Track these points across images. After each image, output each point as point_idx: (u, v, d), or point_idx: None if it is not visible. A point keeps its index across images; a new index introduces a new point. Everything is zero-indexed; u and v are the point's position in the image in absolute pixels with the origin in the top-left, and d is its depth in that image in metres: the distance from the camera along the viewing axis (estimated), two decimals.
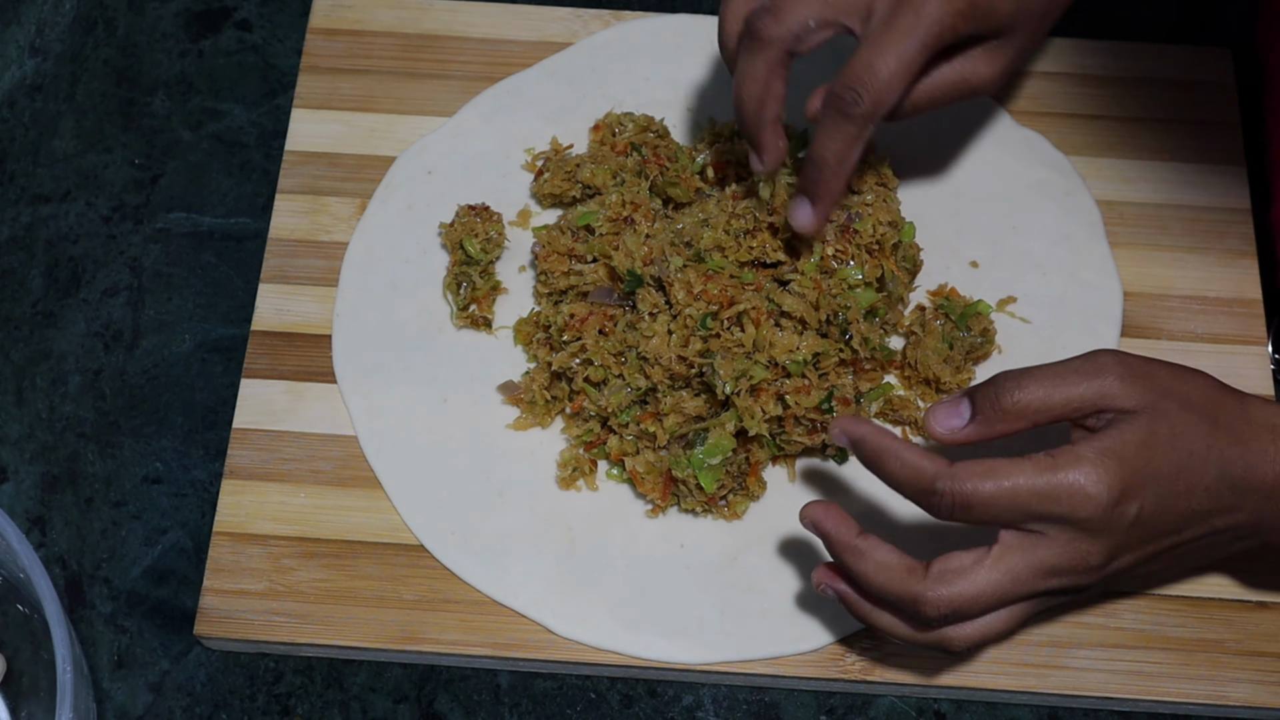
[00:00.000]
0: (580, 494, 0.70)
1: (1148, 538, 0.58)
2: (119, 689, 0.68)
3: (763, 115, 0.66)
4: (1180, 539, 0.59)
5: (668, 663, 0.67)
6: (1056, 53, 0.83)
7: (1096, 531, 0.57)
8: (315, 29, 0.83)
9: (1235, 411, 0.60)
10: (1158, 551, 0.59)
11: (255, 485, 0.70)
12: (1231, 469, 0.58)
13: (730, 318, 0.68)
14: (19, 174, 0.80)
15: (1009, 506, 0.57)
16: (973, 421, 0.60)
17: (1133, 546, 0.58)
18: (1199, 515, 0.58)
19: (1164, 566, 0.61)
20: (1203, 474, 0.58)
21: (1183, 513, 0.58)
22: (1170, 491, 0.58)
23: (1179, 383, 0.60)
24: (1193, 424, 0.58)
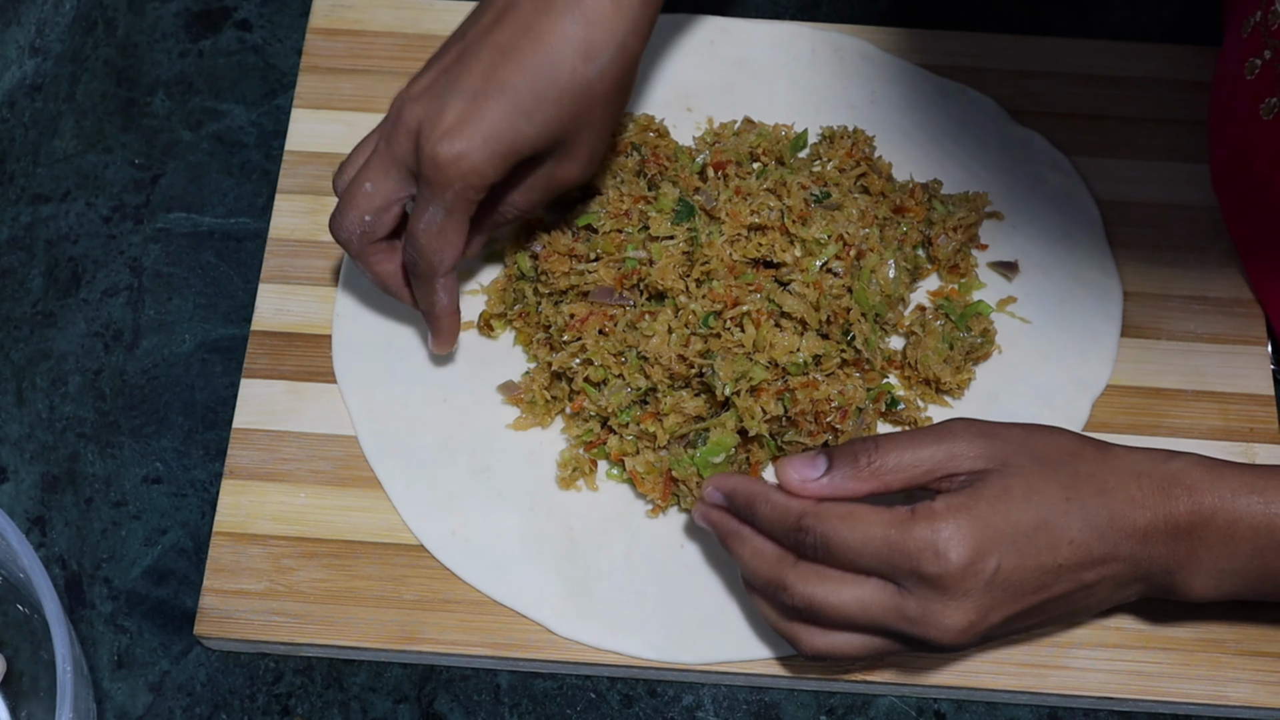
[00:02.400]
0: (580, 494, 0.70)
1: (1012, 596, 0.58)
2: (119, 689, 0.68)
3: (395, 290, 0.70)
4: (1049, 595, 0.59)
5: (668, 663, 0.67)
6: (1056, 53, 0.83)
7: (951, 590, 0.57)
8: (315, 29, 0.83)
9: (1097, 461, 0.60)
10: (1026, 609, 0.59)
11: (255, 485, 0.71)
12: (1096, 519, 0.58)
13: (733, 318, 0.68)
14: (19, 174, 0.80)
15: (865, 554, 0.58)
16: (827, 474, 0.61)
17: (997, 605, 0.58)
18: (1066, 569, 0.58)
19: (1039, 621, 0.61)
20: (1064, 527, 0.58)
21: (1047, 568, 0.58)
22: (1030, 548, 0.57)
23: (1033, 439, 0.60)
24: (1050, 478, 0.59)
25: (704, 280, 0.69)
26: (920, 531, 0.57)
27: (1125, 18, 0.86)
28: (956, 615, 0.57)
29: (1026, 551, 0.57)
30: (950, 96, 0.81)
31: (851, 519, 0.58)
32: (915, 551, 0.57)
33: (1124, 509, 0.58)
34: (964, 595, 0.57)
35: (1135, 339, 0.75)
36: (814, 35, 0.83)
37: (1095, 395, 0.73)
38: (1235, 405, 0.73)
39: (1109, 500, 0.58)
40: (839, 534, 0.58)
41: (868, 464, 0.60)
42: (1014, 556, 0.57)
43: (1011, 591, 0.58)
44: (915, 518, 0.57)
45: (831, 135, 0.77)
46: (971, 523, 0.57)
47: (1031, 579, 0.58)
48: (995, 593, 0.57)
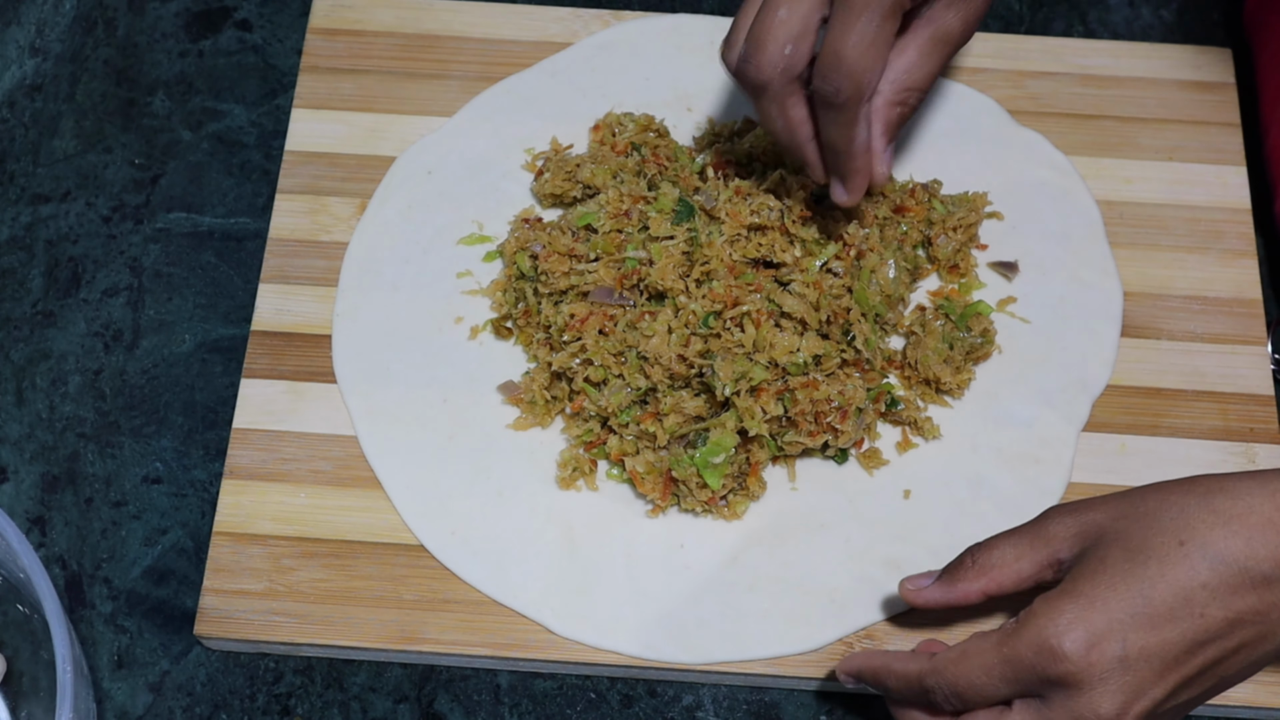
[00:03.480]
0: (580, 494, 0.70)
1: (1162, 667, 0.53)
2: (119, 689, 0.68)
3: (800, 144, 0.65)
4: (1213, 655, 0.53)
5: (668, 663, 0.67)
6: (1056, 53, 0.83)
7: (1085, 683, 0.53)
8: (315, 29, 0.83)
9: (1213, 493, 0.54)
10: (1192, 675, 0.54)
11: (255, 485, 0.70)
12: (1227, 553, 0.53)
13: (733, 318, 0.68)
14: (19, 174, 0.80)
15: (992, 682, 0.56)
16: (937, 580, 0.61)
17: (1149, 681, 0.53)
18: (1214, 622, 0.53)
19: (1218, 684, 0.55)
20: (1189, 576, 0.53)
21: (1188, 626, 0.53)
22: (1156, 612, 0.53)
23: (1129, 499, 0.56)
24: (1155, 530, 0.54)
25: (704, 280, 0.69)
26: (1028, 638, 0.54)
27: (1125, 18, 0.86)
28: (1104, 703, 0.53)
29: (1155, 618, 0.53)
30: (950, 97, 0.81)
31: (965, 657, 0.56)
32: (1033, 661, 0.54)
33: (1262, 534, 0.53)
34: (1101, 682, 0.53)
35: (1135, 339, 0.75)
36: None
37: (1095, 395, 0.73)
38: (1235, 405, 0.73)
39: (1237, 529, 0.53)
40: (961, 677, 0.56)
41: (972, 563, 0.60)
42: (1141, 628, 0.53)
43: (1158, 663, 0.53)
44: (1020, 626, 0.55)
45: None
46: (1077, 608, 0.54)
47: (1176, 644, 0.53)
48: (1140, 670, 0.53)
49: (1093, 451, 0.72)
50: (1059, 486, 0.71)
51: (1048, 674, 0.54)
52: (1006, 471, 0.71)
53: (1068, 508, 0.59)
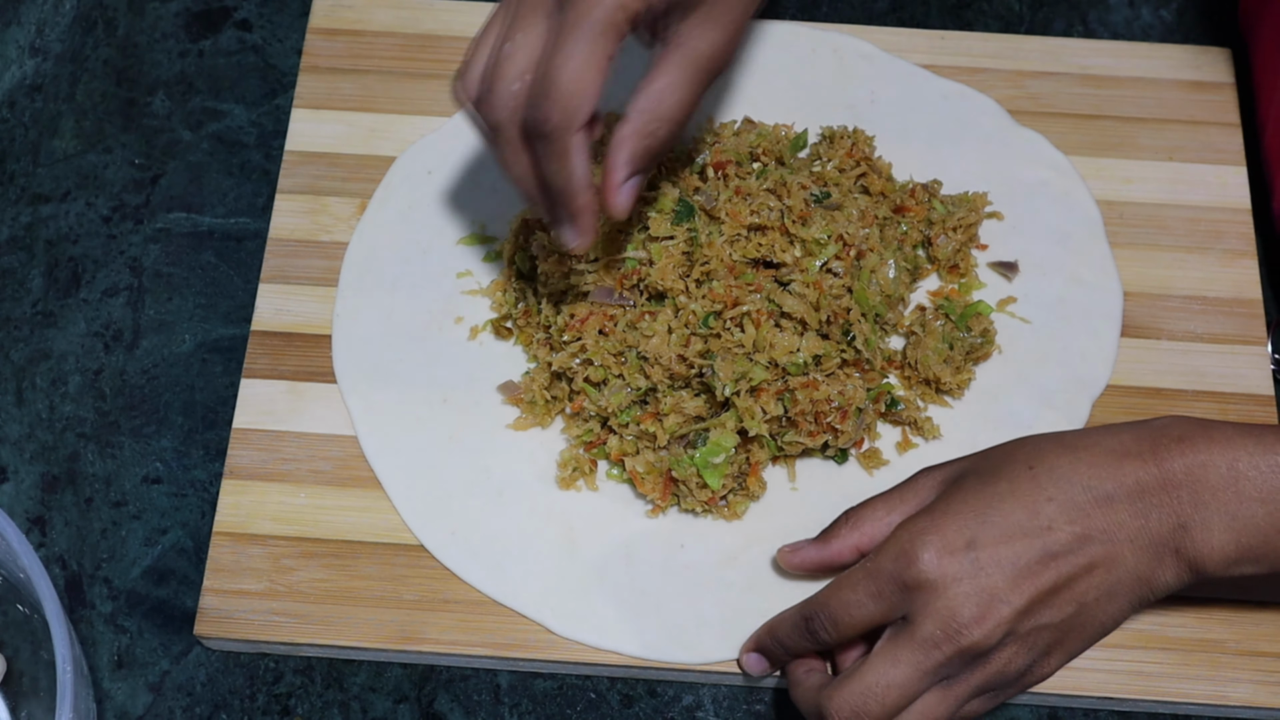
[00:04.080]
0: (580, 494, 0.70)
1: (1014, 575, 0.56)
2: (119, 689, 0.68)
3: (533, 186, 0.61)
4: (1062, 572, 0.56)
5: (668, 663, 0.67)
6: (1056, 53, 0.83)
7: (942, 586, 0.56)
8: (315, 29, 0.83)
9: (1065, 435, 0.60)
10: (1044, 591, 0.57)
11: (255, 485, 0.71)
12: (1073, 475, 0.57)
13: (733, 318, 0.68)
14: (19, 174, 0.80)
15: (859, 598, 0.59)
16: (813, 542, 0.65)
17: (1002, 587, 0.56)
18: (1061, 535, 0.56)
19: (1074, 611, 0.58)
20: (1036, 492, 0.57)
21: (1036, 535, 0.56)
22: (1004, 520, 0.57)
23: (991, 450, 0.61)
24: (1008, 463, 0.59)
25: (704, 280, 0.69)
26: (889, 550, 0.58)
27: (1125, 18, 0.86)
28: (964, 606, 0.56)
29: (1004, 527, 0.57)
30: (950, 97, 0.81)
31: (837, 583, 0.60)
32: (892, 569, 0.57)
33: (1104, 462, 0.57)
34: (956, 583, 0.56)
35: (1135, 339, 0.75)
36: (814, 35, 0.83)
37: (1095, 395, 0.73)
38: (1235, 405, 0.73)
39: (1084, 457, 0.57)
40: (833, 599, 0.60)
41: (844, 521, 0.64)
42: (990, 535, 0.56)
43: (1010, 570, 0.56)
44: (883, 544, 0.59)
45: (831, 135, 0.77)
46: (931, 521, 0.58)
47: (1024, 550, 0.56)
48: (991, 573, 0.56)
49: None
50: None
51: (905, 580, 0.57)
52: None
53: (936, 466, 0.63)
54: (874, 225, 0.72)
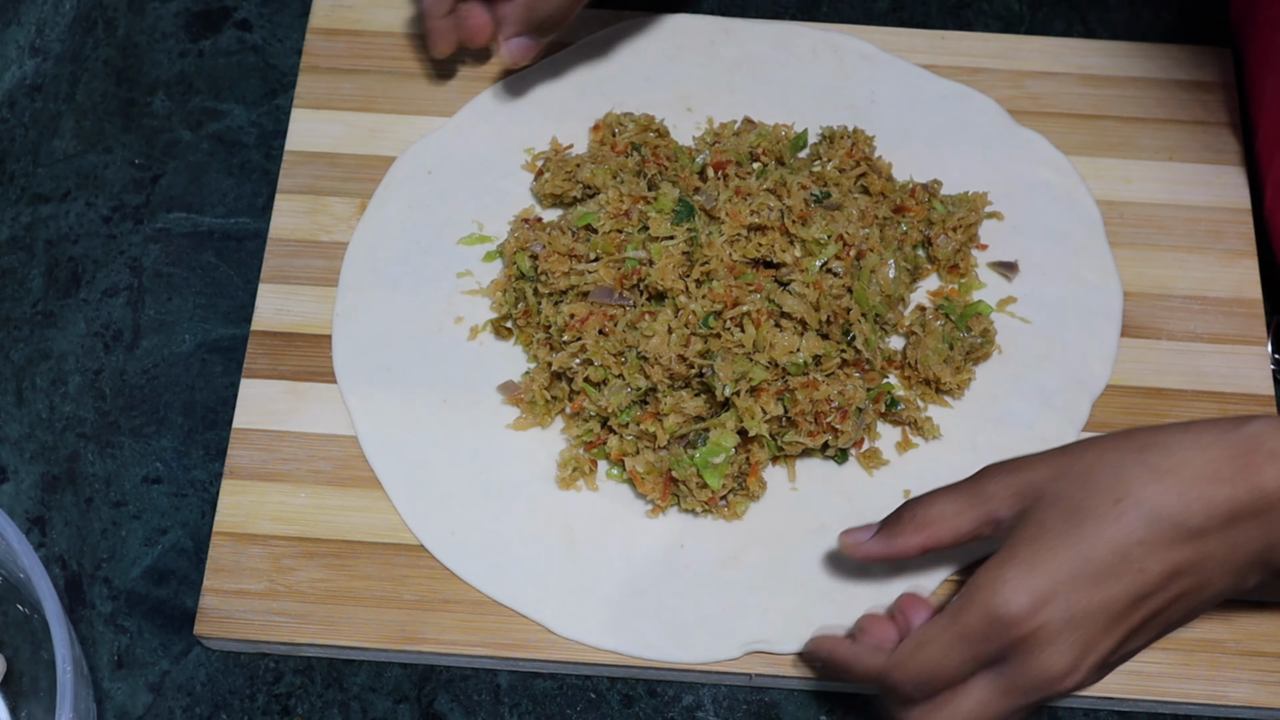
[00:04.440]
0: (580, 494, 0.70)
1: (1107, 622, 0.55)
2: (119, 689, 0.68)
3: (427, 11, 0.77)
4: (1153, 606, 0.55)
5: (668, 663, 0.67)
6: (1056, 53, 0.83)
7: (1034, 643, 0.54)
8: (315, 29, 0.83)
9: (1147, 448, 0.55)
10: (1134, 628, 0.55)
11: (255, 485, 0.70)
12: (1162, 509, 0.54)
13: (733, 318, 0.68)
14: (19, 174, 0.80)
15: (951, 662, 0.56)
16: (876, 535, 0.62)
17: (1095, 636, 0.55)
18: (1151, 576, 0.54)
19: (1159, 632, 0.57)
20: (1124, 533, 0.54)
21: (1128, 582, 0.54)
22: (1095, 571, 0.54)
23: (1066, 457, 0.57)
24: (1091, 490, 0.55)
25: (704, 280, 0.69)
26: (977, 610, 0.55)
27: (1125, 18, 0.86)
28: (1057, 660, 0.54)
29: (1096, 576, 0.54)
30: (950, 97, 0.81)
31: (920, 646, 0.57)
32: (985, 631, 0.55)
33: (1194, 488, 0.54)
34: (1052, 642, 0.54)
35: (1135, 339, 0.75)
36: (814, 35, 0.83)
37: (1095, 395, 0.73)
38: (1235, 405, 0.73)
39: (1171, 484, 0.54)
40: (922, 666, 0.57)
41: (910, 517, 0.61)
42: (1084, 587, 0.54)
43: (1105, 618, 0.54)
44: (966, 600, 0.56)
45: (831, 135, 0.77)
46: (1018, 573, 0.55)
47: (1119, 599, 0.54)
48: (1087, 627, 0.54)
49: None
50: None
51: (1000, 641, 0.55)
52: None
53: (1005, 466, 0.59)
54: (874, 225, 0.72)
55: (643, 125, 0.77)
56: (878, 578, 0.68)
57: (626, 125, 0.77)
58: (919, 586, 0.67)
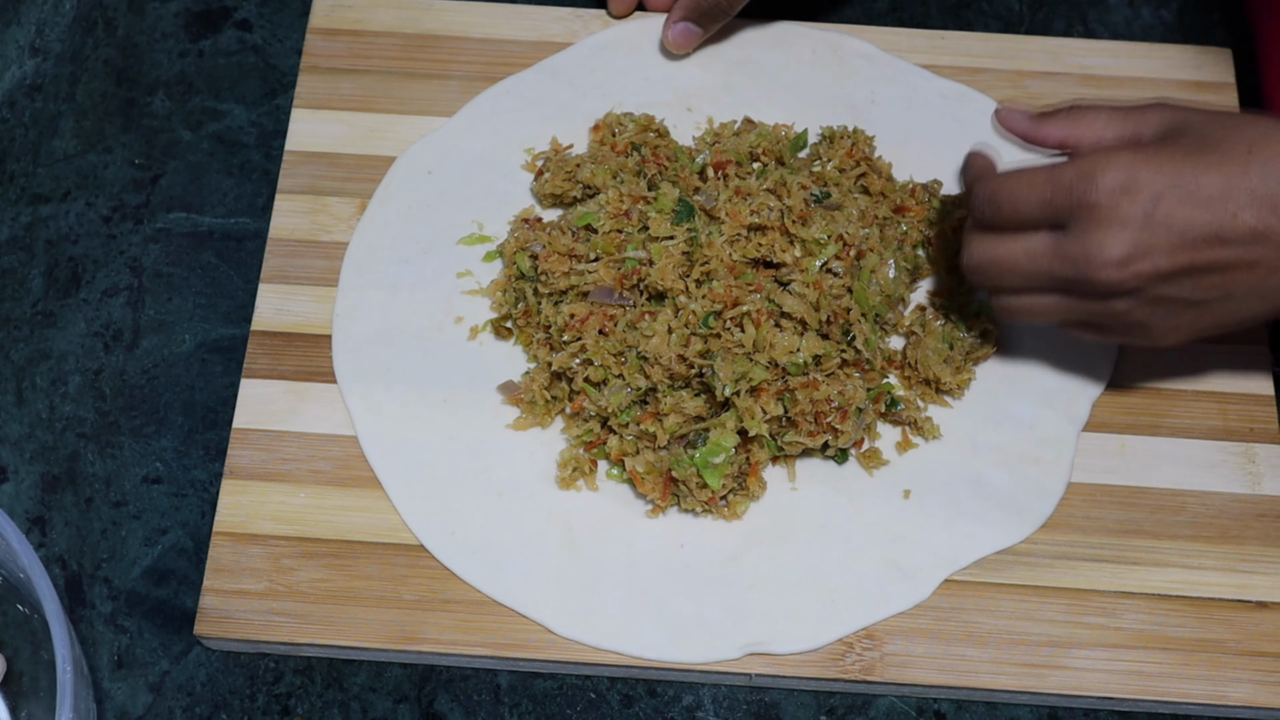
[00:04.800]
0: (580, 494, 0.70)
1: (1175, 242, 0.55)
2: (119, 689, 0.68)
3: None
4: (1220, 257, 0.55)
5: (668, 663, 0.67)
6: (1056, 53, 0.83)
7: (1106, 221, 0.56)
8: (315, 29, 0.83)
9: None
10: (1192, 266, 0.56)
11: (255, 485, 0.70)
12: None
13: (733, 318, 0.68)
14: (19, 174, 0.80)
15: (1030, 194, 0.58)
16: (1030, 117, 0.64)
17: (1158, 247, 0.55)
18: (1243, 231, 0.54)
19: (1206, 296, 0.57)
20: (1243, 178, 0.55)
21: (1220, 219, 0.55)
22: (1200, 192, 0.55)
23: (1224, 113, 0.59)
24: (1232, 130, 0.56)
25: (704, 280, 0.69)
26: (1079, 163, 0.57)
27: (1125, 18, 0.86)
28: (1112, 244, 0.56)
29: (1193, 195, 0.55)
30: (950, 97, 0.81)
31: (1017, 173, 0.59)
32: (1072, 182, 0.56)
33: None
34: (1120, 226, 0.55)
35: None
36: (814, 35, 0.83)
37: (1095, 395, 0.73)
38: (1235, 405, 0.73)
39: None
40: (1005, 184, 0.59)
41: (1066, 113, 0.62)
42: (1179, 196, 0.55)
43: (1175, 235, 0.55)
44: (1074, 158, 0.58)
45: (831, 135, 0.77)
46: (1133, 155, 0.56)
47: (1200, 227, 0.55)
48: (1156, 230, 0.55)
49: (1093, 451, 0.72)
50: (1059, 486, 0.71)
51: (1079, 197, 0.56)
52: (1006, 471, 0.71)
53: (1171, 101, 0.61)
54: (874, 225, 0.72)
55: (643, 125, 0.77)
56: (878, 579, 0.68)
57: (626, 125, 0.77)
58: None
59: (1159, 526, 0.70)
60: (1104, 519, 0.70)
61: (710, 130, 0.79)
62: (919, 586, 0.68)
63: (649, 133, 0.77)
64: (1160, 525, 0.70)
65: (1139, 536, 0.70)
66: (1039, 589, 0.69)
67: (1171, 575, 0.69)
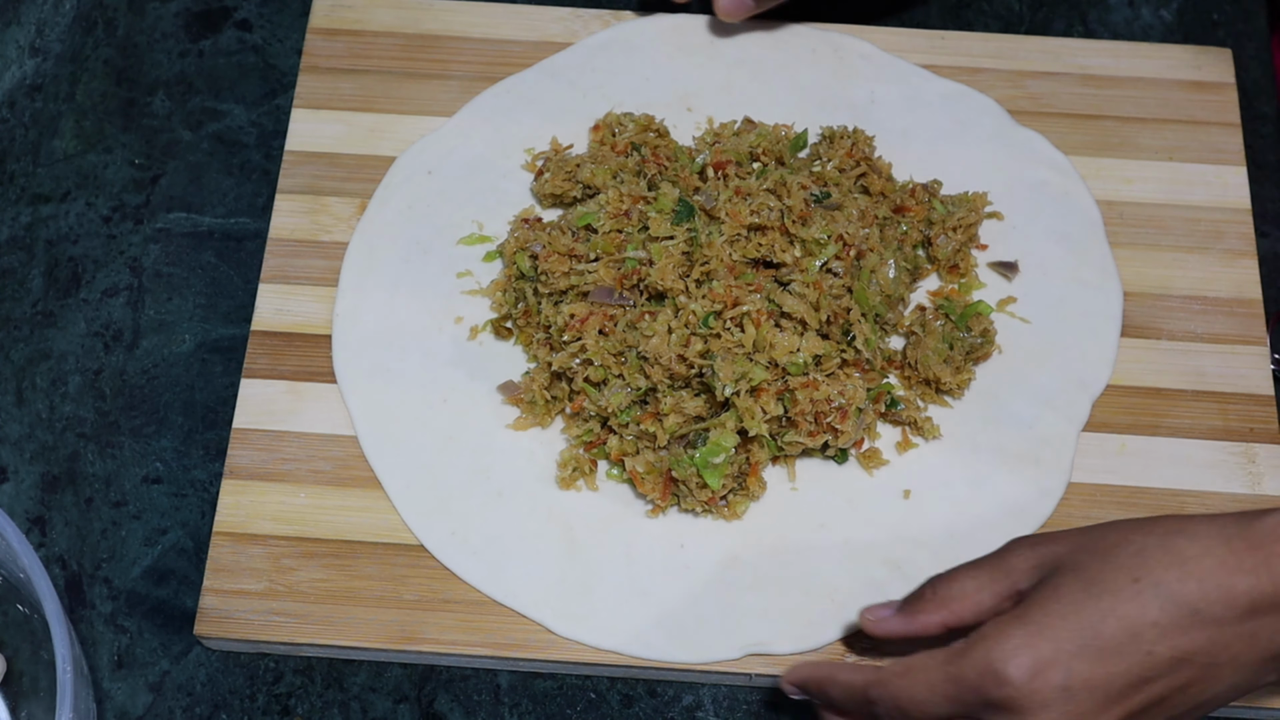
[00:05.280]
0: (580, 494, 0.70)
1: (1104, 700, 0.53)
2: (119, 689, 0.68)
3: None
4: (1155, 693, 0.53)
5: (668, 663, 0.67)
6: (1056, 53, 0.83)
7: (1028, 710, 0.53)
8: (315, 29, 0.83)
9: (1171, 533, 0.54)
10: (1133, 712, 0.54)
11: (255, 485, 0.70)
12: (1180, 594, 0.52)
13: (733, 318, 0.68)
14: (19, 174, 0.80)
15: (935, 699, 0.55)
16: (898, 613, 0.60)
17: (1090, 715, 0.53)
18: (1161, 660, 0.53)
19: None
20: (1140, 613, 0.53)
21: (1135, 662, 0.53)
22: (1104, 646, 0.53)
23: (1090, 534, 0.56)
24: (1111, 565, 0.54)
25: (704, 280, 0.69)
26: (975, 658, 0.54)
27: (1125, 18, 0.86)
28: None
29: (1102, 651, 0.53)
30: (950, 97, 0.81)
31: (911, 671, 0.56)
32: (977, 681, 0.54)
33: (1215, 577, 0.52)
34: (1043, 710, 0.53)
35: (1135, 339, 0.75)
36: (814, 35, 0.83)
37: (1095, 395, 0.73)
38: (1235, 405, 0.73)
39: (1192, 570, 0.52)
40: (905, 691, 0.56)
41: (933, 594, 0.59)
42: (1087, 659, 0.53)
43: (1100, 695, 0.53)
44: (968, 646, 0.55)
45: (831, 135, 0.77)
46: (1025, 634, 0.53)
47: (1120, 678, 0.53)
48: (1083, 701, 0.53)
49: (1093, 451, 0.72)
50: (1059, 487, 0.71)
51: (990, 697, 0.54)
52: (1006, 471, 0.71)
53: (1029, 540, 0.58)
54: (874, 225, 0.72)
55: (643, 125, 0.77)
56: (878, 579, 0.68)
57: (626, 125, 0.77)
58: None
59: None
60: (1104, 519, 0.70)
61: (710, 130, 0.79)
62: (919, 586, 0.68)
63: (649, 133, 0.77)
64: None
65: None
66: None
67: None
